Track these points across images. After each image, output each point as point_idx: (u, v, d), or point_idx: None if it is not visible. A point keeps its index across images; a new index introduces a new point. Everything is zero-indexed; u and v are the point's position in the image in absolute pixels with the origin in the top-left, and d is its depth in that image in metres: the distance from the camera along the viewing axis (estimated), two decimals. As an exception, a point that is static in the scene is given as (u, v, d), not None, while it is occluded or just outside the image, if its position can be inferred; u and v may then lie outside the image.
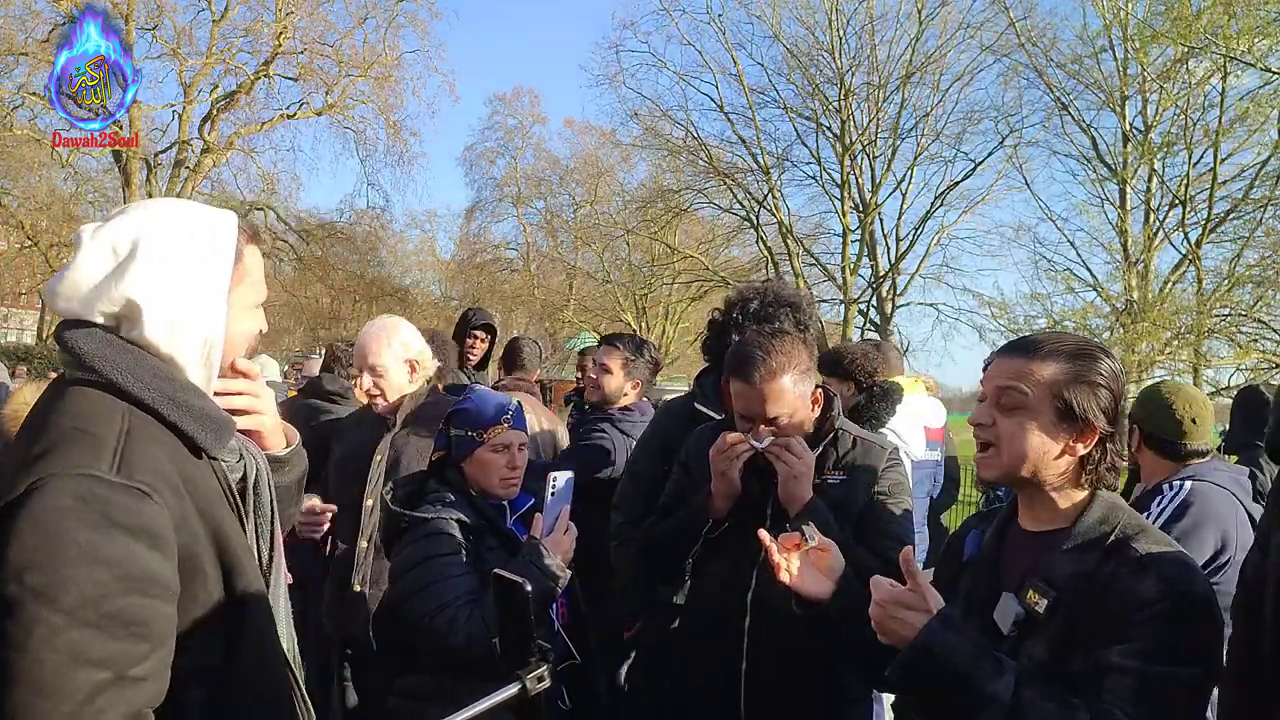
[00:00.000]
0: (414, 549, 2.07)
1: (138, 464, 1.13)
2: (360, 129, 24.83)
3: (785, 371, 2.06)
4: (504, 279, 33.41)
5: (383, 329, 2.92)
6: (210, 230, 1.26)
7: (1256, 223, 18.99)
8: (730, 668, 2.12)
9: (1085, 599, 1.35)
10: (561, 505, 2.09)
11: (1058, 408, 1.40)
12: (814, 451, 2.16)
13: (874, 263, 24.92)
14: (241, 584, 1.26)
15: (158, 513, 1.12)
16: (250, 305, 1.34)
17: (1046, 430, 1.41)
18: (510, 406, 2.23)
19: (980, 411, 1.47)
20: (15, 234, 21.71)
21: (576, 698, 2.17)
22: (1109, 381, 1.42)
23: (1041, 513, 1.48)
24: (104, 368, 1.20)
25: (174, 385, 1.23)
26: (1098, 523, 1.41)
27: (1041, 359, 1.42)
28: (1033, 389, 1.41)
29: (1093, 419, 1.40)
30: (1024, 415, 1.41)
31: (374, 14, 23.63)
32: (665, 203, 27.37)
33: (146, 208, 1.28)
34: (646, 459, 2.95)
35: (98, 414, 1.18)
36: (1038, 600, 1.37)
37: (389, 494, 2.18)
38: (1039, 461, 1.42)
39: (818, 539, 1.65)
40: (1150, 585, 1.30)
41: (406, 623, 2.03)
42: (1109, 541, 1.39)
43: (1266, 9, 15.48)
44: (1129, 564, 1.34)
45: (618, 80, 26.92)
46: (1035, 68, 21.24)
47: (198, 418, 1.24)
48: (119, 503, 1.09)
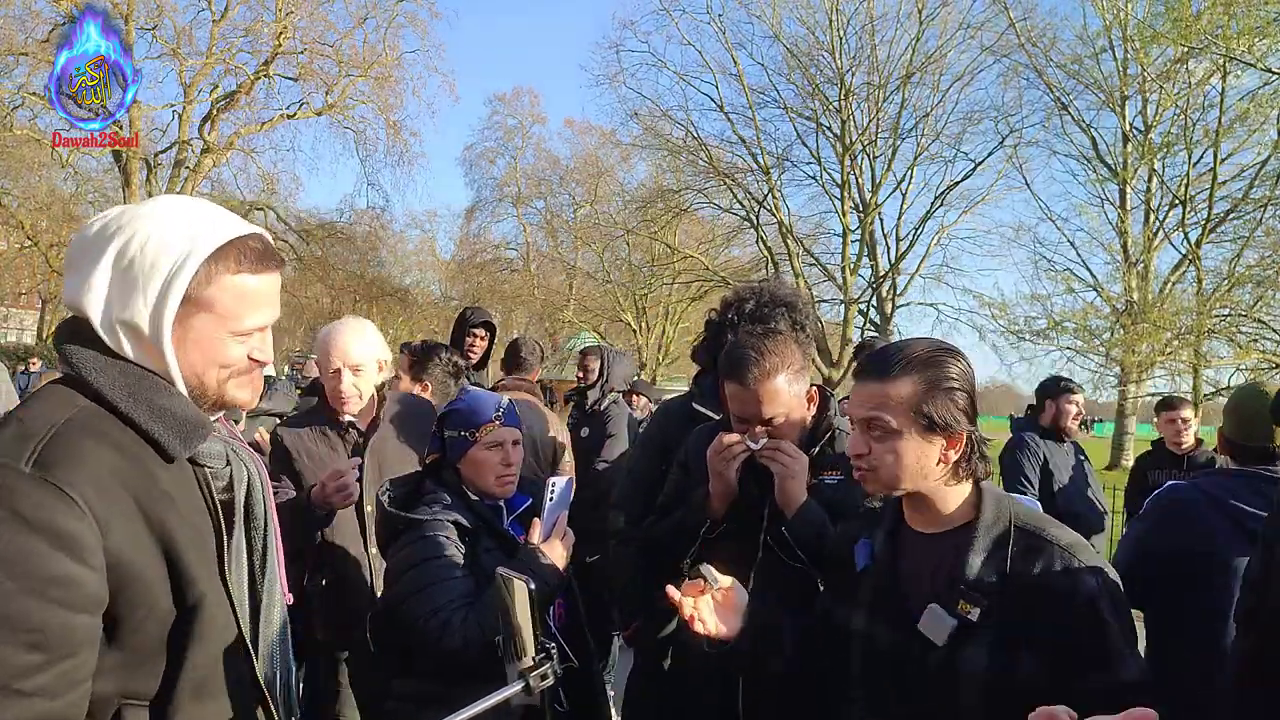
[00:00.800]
0: (410, 551, 2.06)
1: (61, 459, 1.06)
2: (360, 129, 24.90)
3: (779, 372, 2.07)
4: (504, 279, 33.45)
5: (358, 327, 2.87)
6: (171, 260, 1.19)
7: (1256, 223, 19.02)
8: (728, 669, 2.13)
9: (1015, 598, 1.40)
10: (560, 510, 2.09)
11: (921, 424, 1.45)
12: (811, 451, 2.17)
13: (874, 263, 24.94)
14: (195, 602, 1.16)
15: (70, 512, 1.03)
16: (220, 334, 1.24)
17: (917, 447, 1.46)
18: (502, 404, 2.23)
19: (854, 442, 1.53)
20: (15, 234, 21.73)
21: (574, 699, 2.17)
22: (962, 382, 1.48)
23: (932, 515, 1.54)
24: (73, 359, 1.18)
25: (141, 383, 1.18)
26: (994, 518, 1.48)
27: (894, 379, 1.47)
28: (894, 414, 1.46)
29: (954, 424, 1.46)
30: (893, 440, 1.47)
31: (374, 14, 23.69)
32: (665, 203, 27.39)
33: (145, 217, 1.22)
34: (645, 459, 2.95)
35: (46, 405, 1.14)
36: (970, 610, 1.41)
37: (384, 495, 2.18)
38: (918, 475, 1.48)
39: (719, 580, 1.67)
40: (1089, 580, 1.38)
41: (402, 625, 2.02)
42: (1011, 534, 1.45)
43: (1266, 9, 15.49)
44: (1054, 557, 1.41)
45: (618, 80, 27.02)
46: (1035, 68, 21.29)
47: (160, 415, 1.17)
48: (26, 495, 1.02)
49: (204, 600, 1.17)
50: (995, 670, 1.39)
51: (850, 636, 1.61)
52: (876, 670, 1.55)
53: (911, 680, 1.48)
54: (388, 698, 2.13)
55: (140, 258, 1.18)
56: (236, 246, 1.23)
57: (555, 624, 2.17)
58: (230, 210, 1.32)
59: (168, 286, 1.18)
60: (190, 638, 1.16)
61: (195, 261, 1.19)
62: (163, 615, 1.14)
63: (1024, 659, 1.38)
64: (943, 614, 1.43)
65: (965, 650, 1.42)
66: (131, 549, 1.09)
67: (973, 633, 1.41)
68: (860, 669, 1.59)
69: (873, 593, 1.59)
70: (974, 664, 1.41)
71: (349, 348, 2.78)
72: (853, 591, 1.63)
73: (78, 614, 1.04)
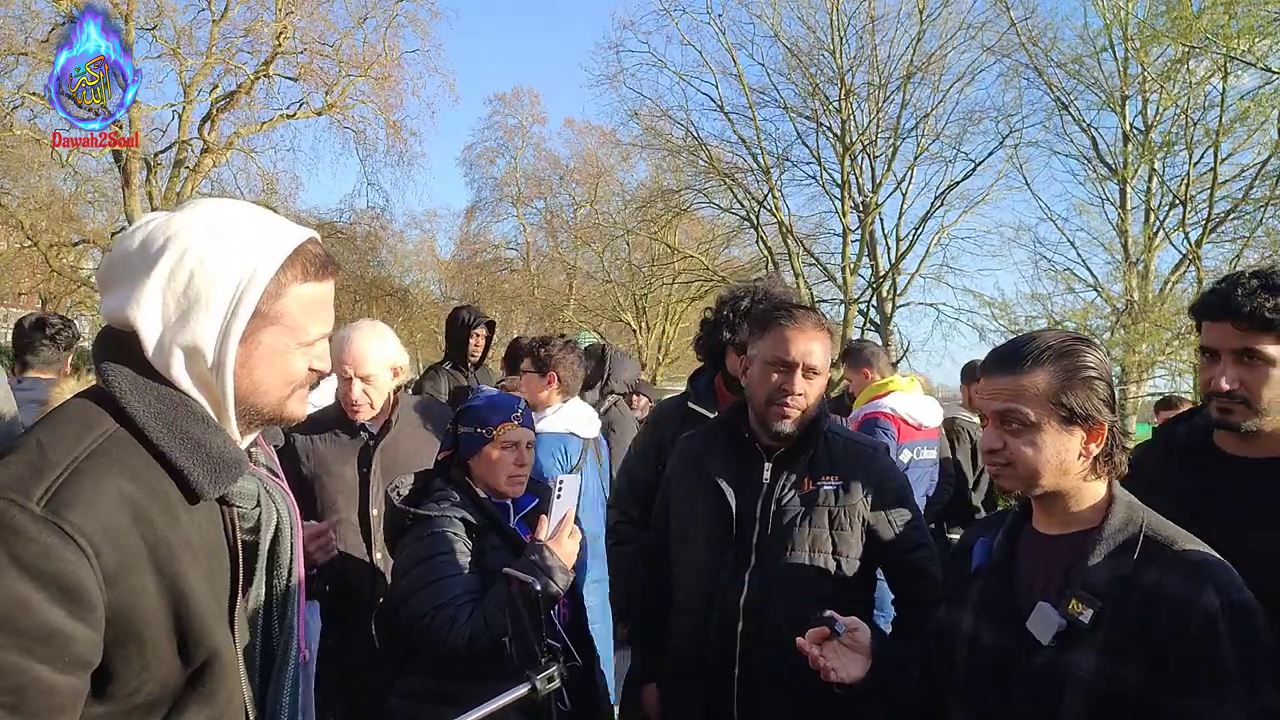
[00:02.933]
0: (416, 547, 2.08)
1: (75, 500, 0.97)
2: (360, 129, 24.85)
3: (828, 332, 2.17)
4: (504, 279, 33.41)
5: (374, 335, 2.84)
6: (237, 276, 1.11)
7: (1257, 223, 18.98)
8: (723, 672, 2.12)
9: (1131, 606, 1.32)
10: (567, 508, 2.10)
11: (1061, 415, 1.39)
12: (805, 454, 2.17)
13: (874, 263, 24.91)
14: (205, 660, 1.08)
15: (76, 562, 0.94)
16: (289, 346, 1.18)
17: (1057, 440, 1.40)
18: (520, 405, 2.24)
19: (989, 436, 1.46)
20: (15, 234, 21.69)
21: (576, 699, 2.17)
22: (1100, 371, 1.42)
23: (1060, 516, 1.47)
24: (110, 378, 1.09)
25: (179, 411, 1.09)
26: (1123, 523, 1.40)
27: (1029, 371, 1.41)
28: (1032, 406, 1.39)
29: (1097, 415, 1.39)
30: (1031, 433, 1.40)
31: (374, 14, 23.63)
32: (665, 203, 27.35)
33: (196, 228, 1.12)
34: (641, 459, 2.96)
35: (71, 427, 1.05)
36: (1081, 610, 1.34)
37: (394, 491, 2.17)
38: (1058, 471, 1.41)
39: (844, 623, 1.63)
40: (1210, 597, 1.27)
41: (407, 620, 2.03)
42: (1140, 542, 1.37)
43: (1267, 9, 15.47)
44: (1177, 568, 1.31)
45: (618, 80, 26.92)
46: (1036, 68, 21.24)
47: (194, 451, 1.08)
48: (33, 540, 0.93)
49: (215, 658, 1.09)
50: (1104, 679, 1.31)
51: (957, 638, 1.56)
52: (980, 672, 1.49)
53: (1013, 683, 1.41)
54: (389, 695, 2.13)
55: (200, 273, 1.09)
56: (301, 255, 1.17)
57: (561, 622, 2.17)
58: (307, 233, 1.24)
59: (237, 304, 1.11)
60: (193, 698, 1.08)
61: (266, 275, 1.13)
62: (163, 675, 1.05)
63: (1133, 672, 1.29)
64: (1052, 612, 1.37)
65: (1072, 654, 1.35)
66: (136, 604, 1.01)
67: (1081, 636, 1.34)
68: (964, 671, 1.53)
69: (982, 592, 1.53)
70: (1082, 669, 1.33)
71: (361, 357, 2.77)
72: (964, 592, 1.58)
73: (62, 674, 0.95)
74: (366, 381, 2.78)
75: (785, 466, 2.17)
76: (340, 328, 2.96)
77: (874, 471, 2.19)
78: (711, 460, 2.23)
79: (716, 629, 2.14)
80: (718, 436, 2.29)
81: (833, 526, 2.11)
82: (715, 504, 2.19)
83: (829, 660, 1.61)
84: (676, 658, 2.27)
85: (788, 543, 2.10)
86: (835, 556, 2.11)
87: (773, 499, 2.14)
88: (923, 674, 1.66)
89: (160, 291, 1.09)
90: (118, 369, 1.09)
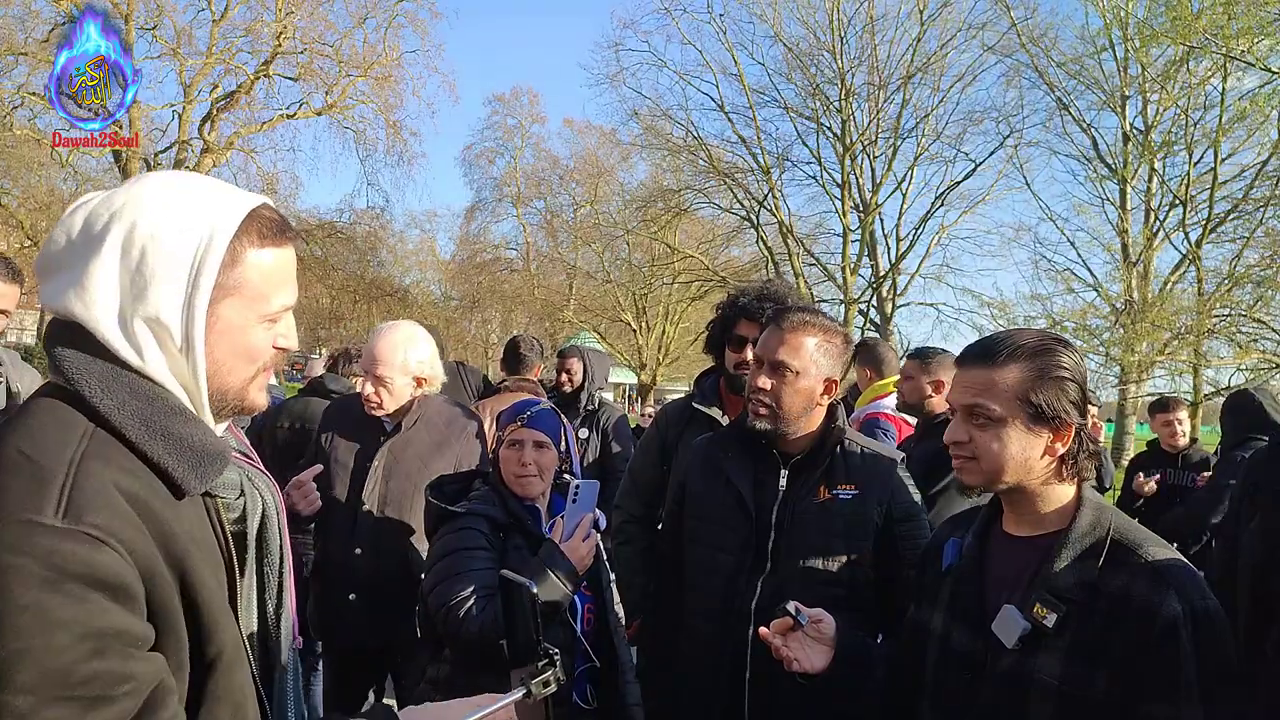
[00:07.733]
0: (444, 541, 2.17)
1: (89, 501, 0.93)
2: (360, 129, 24.92)
3: (813, 331, 2.14)
4: (504, 279, 33.45)
5: (398, 340, 2.85)
6: (194, 243, 1.05)
7: (1257, 223, 19.00)
8: (735, 672, 2.13)
9: (1096, 611, 1.32)
10: (583, 512, 2.13)
11: (1029, 412, 1.39)
12: (822, 462, 2.16)
13: (874, 263, 24.94)
14: (215, 656, 1.04)
15: (113, 560, 0.92)
16: (249, 320, 1.11)
17: (1023, 437, 1.40)
18: (532, 408, 2.32)
19: (955, 429, 1.45)
20: (15, 234, 21.69)
21: (602, 698, 2.21)
22: (1073, 373, 1.41)
23: (1028, 517, 1.47)
24: (73, 374, 1.01)
25: (154, 405, 1.03)
26: (1090, 526, 1.39)
27: (1002, 365, 1.41)
28: (1000, 402, 1.39)
29: (1065, 416, 1.39)
30: (997, 428, 1.40)
31: (374, 14, 23.69)
32: (665, 203, 27.38)
33: (141, 201, 1.05)
34: (645, 460, 2.97)
35: (50, 432, 0.98)
36: (1045, 614, 1.34)
37: (430, 491, 2.28)
38: (1021, 468, 1.41)
39: (806, 614, 1.65)
40: (1173, 603, 1.27)
41: (430, 611, 2.10)
42: (1107, 546, 1.37)
43: (1266, 9, 15.49)
44: (1143, 573, 1.31)
45: (618, 80, 26.97)
46: (1036, 68, 21.28)
47: (176, 446, 1.03)
48: (67, 552, 0.89)
49: (223, 654, 1.06)
50: (1069, 683, 1.31)
51: (928, 637, 1.56)
52: (948, 673, 1.50)
53: (980, 684, 1.42)
54: (421, 682, 2.21)
55: (153, 246, 1.02)
56: (256, 218, 1.10)
57: (583, 626, 2.20)
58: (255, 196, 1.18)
59: (196, 274, 1.04)
60: (206, 698, 1.04)
61: (223, 240, 1.05)
62: (189, 671, 1.02)
63: (1097, 677, 1.29)
64: (1016, 615, 1.37)
65: (1037, 658, 1.34)
66: (167, 598, 0.98)
67: (1046, 640, 1.34)
68: (933, 671, 1.53)
69: (952, 593, 1.53)
70: (1046, 673, 1.33)
71: (377, 357, 2.83)
72: (934, 592, 1.58)
73: (149, 664, 0.95)
74: (380, 382, 2.81)
75: (802, 473, 2.17)
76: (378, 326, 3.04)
77: (891, 484, 2.18)
78: (730, 463, 2.24)
79: (728, 631, 2.14)
80: (736, 440, 2.29)
81: (847, 535, 2.11)
82: (732, 507, 2.19)
83: (792, 650, 1.62)
84: (687, 659, 2.27)
85: (802, 549, 2.10)
86: (848, 565, 2.11)
87: (789, 505, 2.14)
88: (890, 673, 1.66)
89: (113, 269, 1.02)
90: (81, 363, 1.02)
